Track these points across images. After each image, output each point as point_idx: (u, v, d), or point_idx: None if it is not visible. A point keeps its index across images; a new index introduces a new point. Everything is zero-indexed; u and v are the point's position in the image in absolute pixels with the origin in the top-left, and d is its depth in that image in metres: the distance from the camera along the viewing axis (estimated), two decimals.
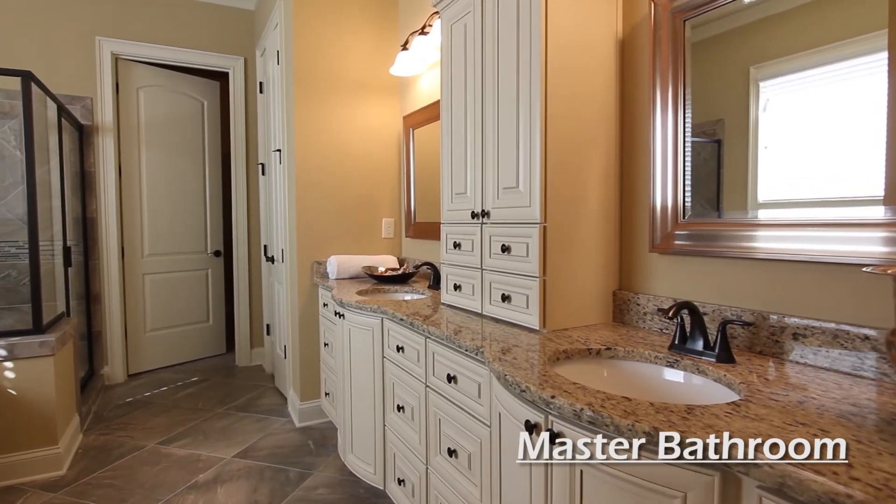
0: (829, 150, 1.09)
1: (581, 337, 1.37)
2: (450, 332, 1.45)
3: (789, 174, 1.16)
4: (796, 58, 1.13)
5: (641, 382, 1.17)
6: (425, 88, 2.73)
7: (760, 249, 1.17)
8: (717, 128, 1.31)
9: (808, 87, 1.12)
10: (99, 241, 3.56)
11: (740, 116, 1.24)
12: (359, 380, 2.05)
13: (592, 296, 1.53)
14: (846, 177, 1.06)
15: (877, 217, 0.99)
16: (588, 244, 1.51)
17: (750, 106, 1.22)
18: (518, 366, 1.11)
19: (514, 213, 1.52)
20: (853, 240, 1.01)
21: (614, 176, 1.56)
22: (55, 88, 3.38)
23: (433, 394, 1.57)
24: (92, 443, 2.66)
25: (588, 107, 1.49)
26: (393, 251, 3.08)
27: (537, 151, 1.41)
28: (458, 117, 1.81)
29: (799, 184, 1.14)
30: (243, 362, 4.05)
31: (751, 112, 1.22)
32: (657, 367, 1.18)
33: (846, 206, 1.05)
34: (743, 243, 1.21)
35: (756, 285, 1.21)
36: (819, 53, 1.09)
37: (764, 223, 1.18)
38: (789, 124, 1.15)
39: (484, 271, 1.67)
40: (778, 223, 1.15)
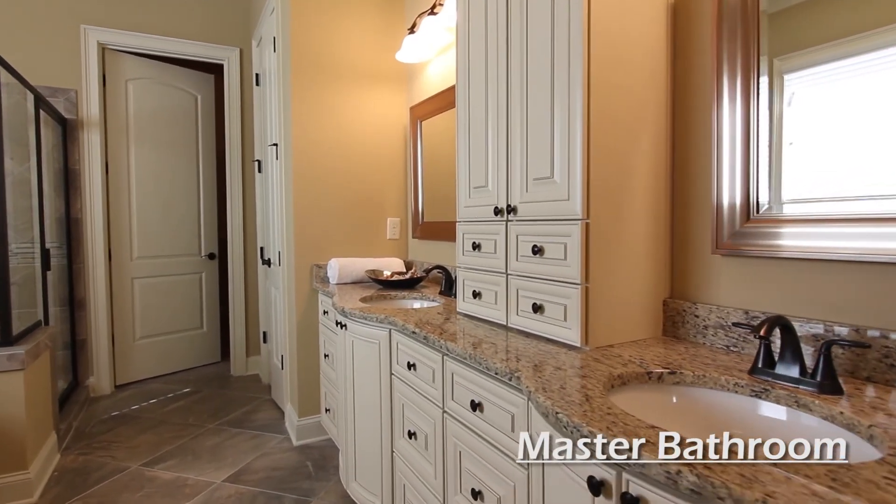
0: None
1: (633, 356, 1.13)
2: (474, 351, 1.22)
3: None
4: (825, 48, 1.01)
5: (726, 419, 0.94)
6: (434, 76, 2.50)
7: (872, 250, 0.93)
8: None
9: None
10: (84, 242, 3.33)
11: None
12: (363, 399, 1.81)
13: (640, 305, 1.30)
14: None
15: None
16: (636, 244, 1.28)
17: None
18: (569, 398, 0.88)
19: (548, 207, 1.29)
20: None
21: (664, 163, 1.32)
22: (36, 80, 3.16)
23: (452, 422, 1.33)
24: (70, 464, 2.42)
25: (634, 81, 1.26)
26: (399, 253, 2.85)
27: (578, 133, 1.18)
28: (477, 101, 1.58)
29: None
30: (238, 371, 3.82)
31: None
32: (741, 399, 0.95)
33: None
34: (842, 243, 0.98)
35: (859, 294, 0.97)
36: (852, 43, 0.97)
37: (873, 217, 0.94)
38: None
39: (510, 276, 1.44)
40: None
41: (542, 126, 1.29)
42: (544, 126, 1.28)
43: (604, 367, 1.06)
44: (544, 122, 1.28)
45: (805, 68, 1.06)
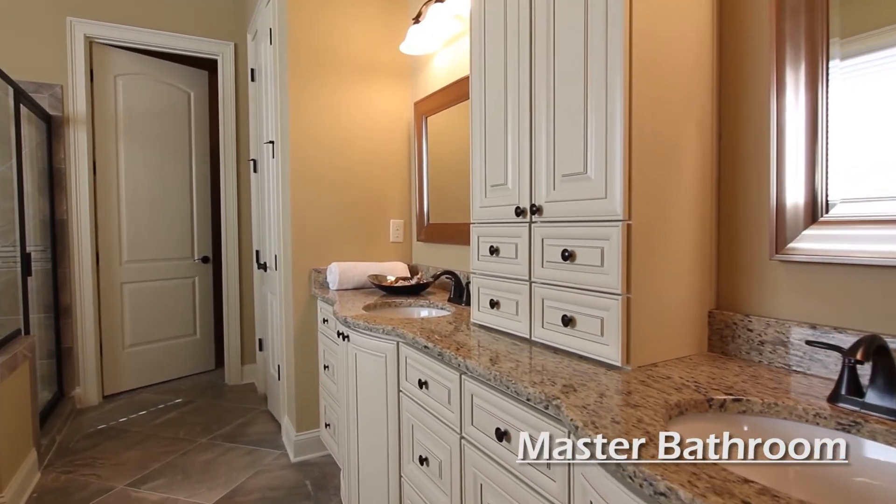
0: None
1: (685, 378, 0.98)
2: (500, 372, 1.06)
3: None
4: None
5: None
6: (441, 68, 2.35)
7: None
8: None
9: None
10: (70, 246, 3.16)
11: None
12: (368, 417, 1.66)
13: (684, 318, 1.15)
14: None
15: None
16: (681, 248, 1.13)
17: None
18: (622, 432, 0.73)
19: (581, 207, 1.14)
20: None
21: (710, 158, 1.18)
22: (19, 74, 2.99)
23: (472, 450, 1.18)
24: (50, 484, 2.25)
25: (680, 62, 1.11)
26: (402, 257, 2.70)
27: (618, 121, 1.03)
28: (494, 90, 1.43)
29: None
30: (233, 380, 3.65)
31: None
32: (825, 433, 0.80)
33: None
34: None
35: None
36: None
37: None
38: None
39: (534, 284, 1.29)
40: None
41: (574, 115, 1.14)
42: (576, 115, 1.13)
43: (654, 392, 0.91)
44: (576, 111, 1.13)
45: (883, 49, 0.91)
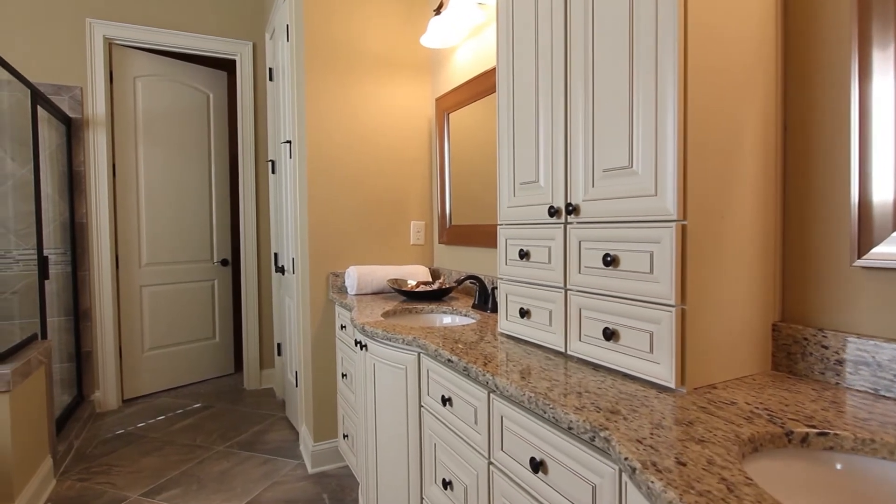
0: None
1: (753, 403, 0.84)
2: (535, 393, 0.94)
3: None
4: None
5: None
6: (464, 61, 2.23)
7: None
8: None
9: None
10: (90, 249, 3.14)
11: None
12: (387, 432, 1.55)
13: (746, 331, 1.01)
14: None
15: None
16: (742, 252, 0.99)
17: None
18: (698, 484, 0.60)
19: (626, 206, 1.00)
20: None
21: (773, 150, 1.03)
22: (39, 77, 2.99)
23: (502, 478, 1.05)
24: (65, 492, 2.20)
25: (739, 37, 0.97)
26: (424, 260, 2.59)
27: (670, 105, 0.90)
28: (523, 80, 1.31)
29: None
30: (252, 385, 3.59)
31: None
32: None
33: None
34: None
35: None
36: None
37: None
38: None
39: (570, 292, 1.16)
40: None
41: (617, 101, 1.01)
42: (619, 101, 1.00)
43: (720, 422, 0.77)
44: (619, 96, 1.00)
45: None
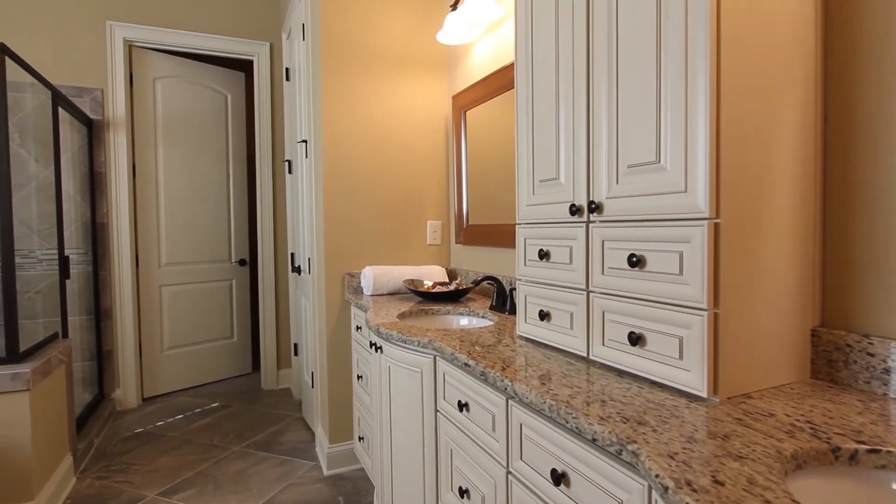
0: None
1: (793, 415, 0.78)
2: (556, 402, 0.89)
3: None
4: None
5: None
6: (481, 58, 2.19)
7: None
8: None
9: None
10: (110, 249, 3.18)
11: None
12: (402, 437, 1.51)
13: (783, 337, 0.94)
14: None
15: None
16: (779, 251, 0.93)
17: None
18: (733, 501, 0.54)
19: (652, 203, 0.95)
20: None
21: (814, 139, 0.97)
22: (62, 79, 3.03)
23: (522, 489, 1.01)
24: (85, 490, 2.22)
25: (774, 20, 0.91)
26: (440, 260, 2.55)
27: (701, 93, 0.84)
28: (542, 74, 1.26)
29: None
30: (269, 385, 3.60)
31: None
32: None
33: None
34: None
35: None
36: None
37: None
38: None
39: (592, 294, 1.10)
40: None
41: (644, 91, 0.96)
42: (646, 91, 0.95)
43: (758, 435, 0.71)
44: (646, 86, 0.95)
45: None
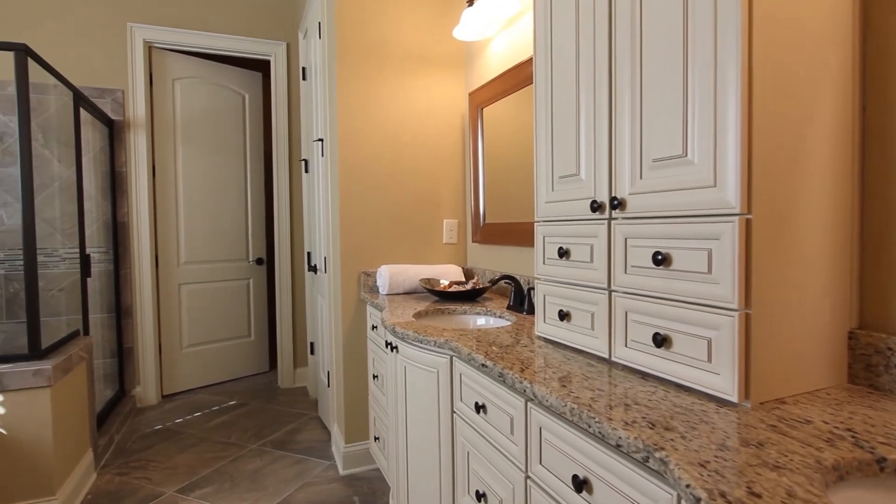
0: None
1: (831, 422, 0.74)
2: (578, 405, 0.85)
3: None
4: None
5: None
6: (498, 54, 2.16)
7: None
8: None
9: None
10: (130, 247, 3.22)
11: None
12: (418, 438, 1.49)
13: (819, 339, 0.89)
14: None
15: None
16: (815, 248, 0.88)
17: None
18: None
19: (679, 199, 0.91)
20: None
21: (851, 131, 0.91)
22: (84, 80, 3.08)
23: (541, 495, 0.97)
24: (104, 486, 2.25)
25: (806, 5, 0.86)
26: (457, 259, 2.52)
27: (732, 80, 0.80)
28: (562, 67, 1.23)
29: None
30: (286, 383, 3.61)
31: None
32: None
33: None
34: None
35: None
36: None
37: None
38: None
39: (615, 294, 1.07)
40: None
41: (669, 82, 0.92)
42: (672, 80, 0.91)
43: (795, 444, 0.67)
44: (672, 75, 0.91)
45: None
